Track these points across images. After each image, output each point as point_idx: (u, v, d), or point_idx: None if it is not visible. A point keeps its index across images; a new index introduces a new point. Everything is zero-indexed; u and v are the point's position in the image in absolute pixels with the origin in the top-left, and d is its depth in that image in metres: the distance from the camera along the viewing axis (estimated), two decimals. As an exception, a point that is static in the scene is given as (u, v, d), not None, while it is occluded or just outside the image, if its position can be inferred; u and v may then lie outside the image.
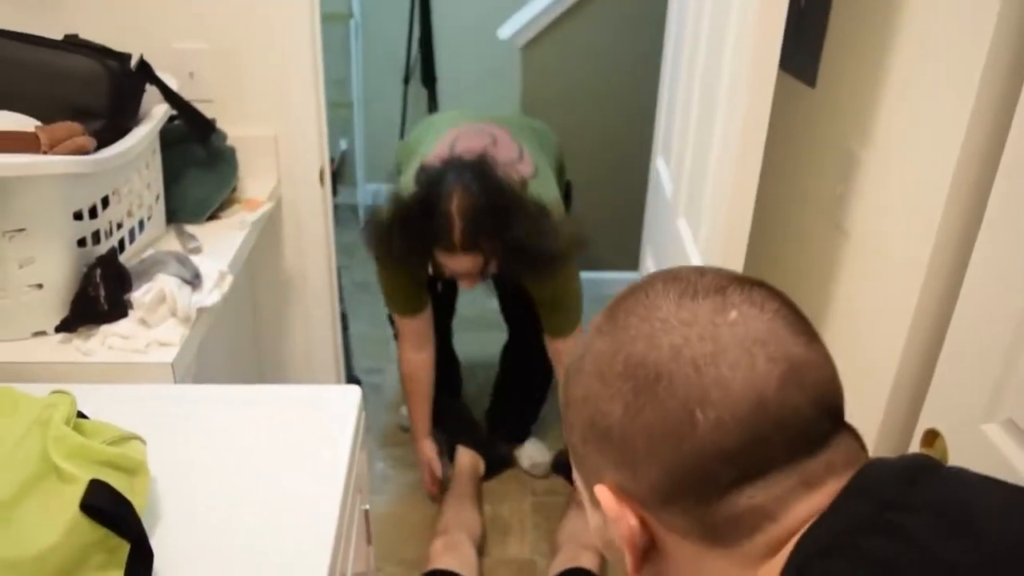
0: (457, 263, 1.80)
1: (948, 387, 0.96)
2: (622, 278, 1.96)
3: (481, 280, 1.91)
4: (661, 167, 1.82)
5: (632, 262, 2.63)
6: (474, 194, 1.73)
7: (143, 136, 1.38)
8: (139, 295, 1.24)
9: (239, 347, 1.91)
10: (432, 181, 1.78)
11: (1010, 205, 0.85)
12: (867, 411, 1.13)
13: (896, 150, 1.09)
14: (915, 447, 1.02)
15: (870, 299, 1.15)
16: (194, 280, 1.32)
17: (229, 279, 1.39)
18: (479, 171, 1.76)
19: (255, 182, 1.83)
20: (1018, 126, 0.84)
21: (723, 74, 1.23)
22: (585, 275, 2.07)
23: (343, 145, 4.24)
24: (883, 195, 1.12)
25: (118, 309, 1.25)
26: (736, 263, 1.14)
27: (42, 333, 1.26)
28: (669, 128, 1.76)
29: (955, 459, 0.94)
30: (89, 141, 1.23)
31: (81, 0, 1.75)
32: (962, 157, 0.95)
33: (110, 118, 1.33)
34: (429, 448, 2.33)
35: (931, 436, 1.00)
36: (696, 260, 1.35)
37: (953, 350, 0.95)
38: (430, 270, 1.94)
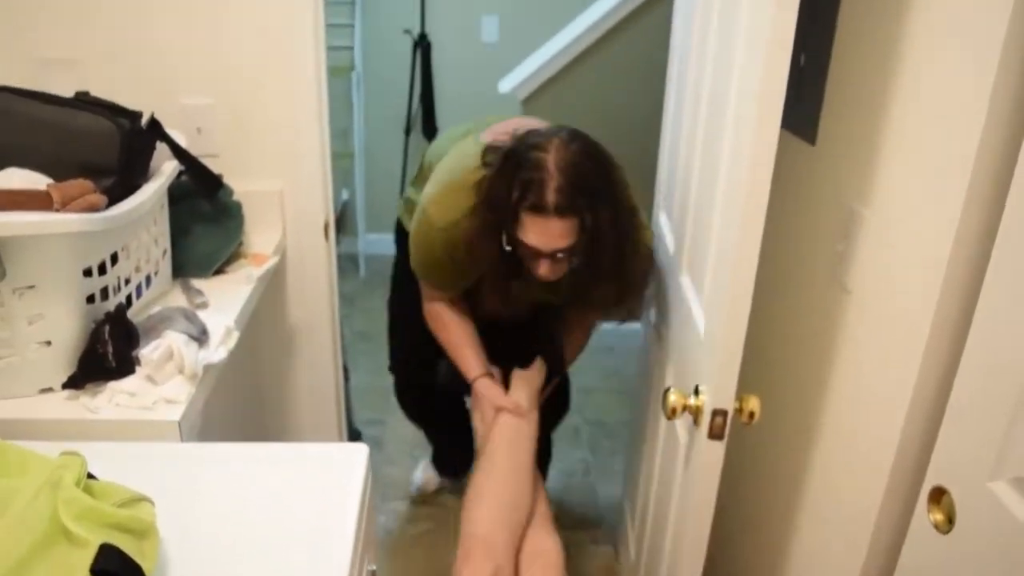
0: (547, 233, 1.49)
1: (954, 444, 0.97)
2: (624, 329, 1.97)
3: (567, 268, 1.60)
4: (663, 222, 1.83)
5: (633, 313, 2.63)
6: (575, 150, 1.48)
7: (152, 193, 1.40)
8: (147, 352, 1.25)
9: (241, 399, 1.91)
10: (520, 138, 1.53)
11: (1013, 263, 0.86)
12: (873, 468, 1.13)
13: (897, 207, 1.11)
14: (922, 504, 1.02)
15: (874, 356, 1.16)
16: (201, 336, 1.33)
17: (235, 335, 1.39)
18: (576, 133, 1.54)
19: (260, 236, 1.85)
20: (1018, 185, 0.86)
21: (725, 134, 1.25)
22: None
23: (344, 195, 4.27)
24: (885, 252, 1.14)
25: (126, 366, 1.25)
26: (740, 321, 1.15)
27: (49, 390, 1.26)
28: (671, 184, 1.78)
29: (963, 517, 0.94)
30: (100, 199, 1.25)
31: (92, 57, 1.78)
32: (964, 214, 0.96)
33: (121, 175, 1.35)
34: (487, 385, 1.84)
35: (938, 493, 1.00)
36: (700, 316, 1.36)
37: (958, 407, 0.96)
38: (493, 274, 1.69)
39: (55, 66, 1.79)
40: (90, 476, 0.93)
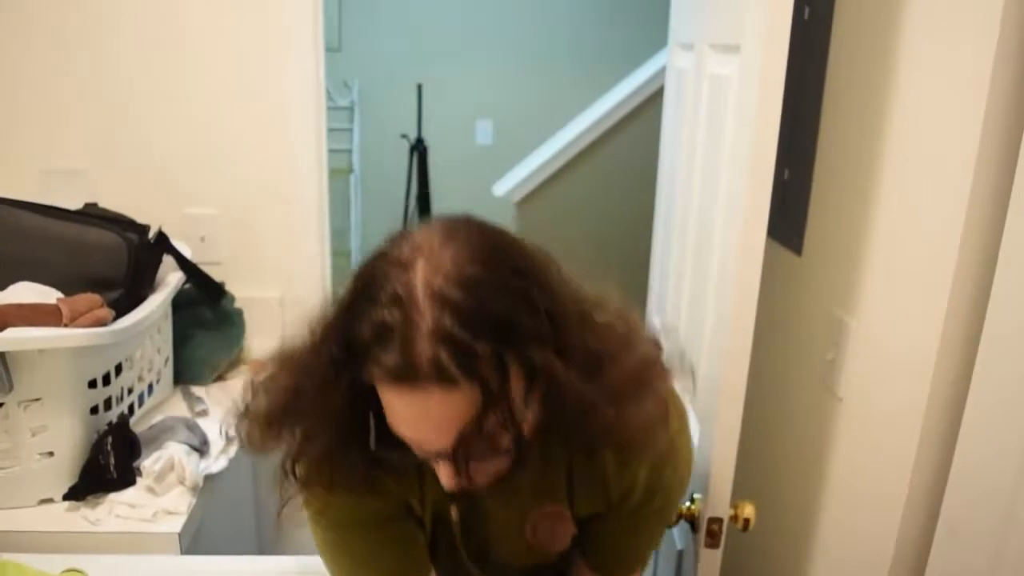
0: (425, 418, 0.80)
1: (946, 560, 0.98)
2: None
3: (512, 465, 0.87)
4: (656, 325, 1.87)
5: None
6: (457, 256, 0.80)
7: (158, 305, 1.43)
8: (149, 463, 1.26)
9: (237, 510, 1.89)
10: (378, 249, 0.85)
11: (997, 376, 0.89)
12: (870, 574, 1.14)
13: (883, 316, 1.15)
14: (920, 613, 1.03)
15: (867, 462, 1.18)
16: (202, 446, 1.34)
17: (236, 444, 1.41)
18: (457, 224, 0.87)
19: (260, 342, 1.87)
20: (999, 296, 0.89)
21: (713, 244, 1.29)
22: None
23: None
24: (873, 361, 1.17)
25: (127, 477, 1.26)
26: (733, 428, 1.18)
27: (49, 500, 1.27)
28: (663, 290, 1.82)
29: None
30: (108, 313, 1.28)
31: (100, 170, 1.84)
32: (947, 324, 1.00)
33: (128, 288, 1.39)
34: None
35: None
36: (693, 421, 1.38)
37: (949, 522, 0.97)
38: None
39: (62, 177, 1.84)
40: (92, 593, 0.94)
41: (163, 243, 1.50)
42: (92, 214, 1.51)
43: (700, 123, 1.47)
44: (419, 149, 4.10)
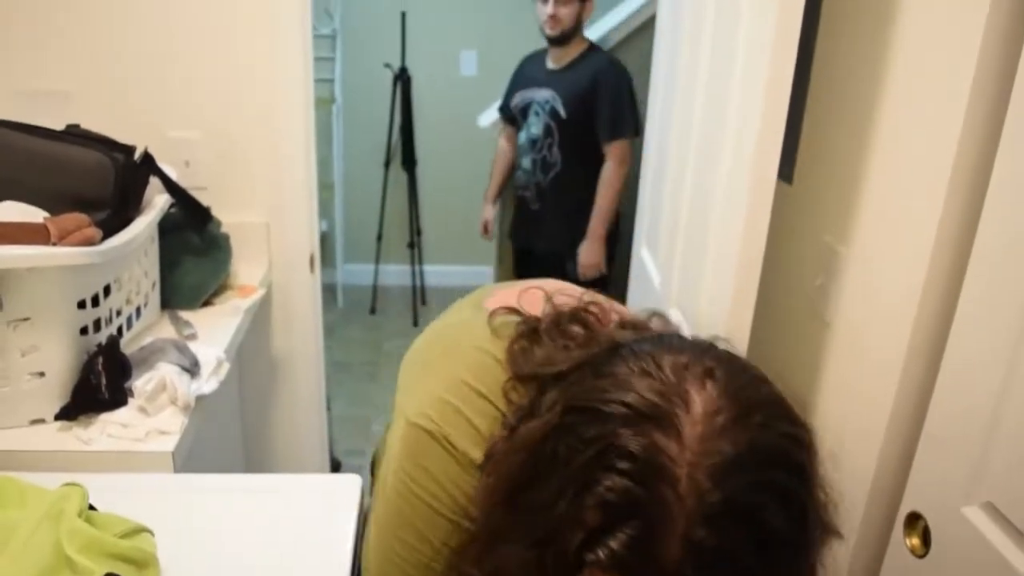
0: None
1: (929, 471, 1.01)
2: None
3: None
4: (646, 257, 1.88)
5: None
6: (734, 446, 0.64)
7: (146, 227, 1.42)
8: (140, 384, 1.26)
9: (225, 430, 1.91)
10: (599, 365, 0.72)
11: (983, 296, 0.91)
12: (851, 493, 1.17)
13: (872, 243, 1.16)
14: (899, 529, 1.06)
15: (853, 386, 1.20)
16: (193, 368, 1.35)
17: (226, 366, 1.41)
18: (731, 370, 0.70)
19: (247, 268, 1.87)
20: (989, 214, 0.91)
21: (719, 175, 1.29)
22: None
23: (323, 226, 4.29)
24: (861, 287, 1.18)
25: (119, 397, 1.26)
26: (741, 347, 1.20)
27: (41, 421, 1.27)
28: (655, 221, 1.82)
29: (938, 541, 0.98)
30: (96, 232, 1.27)
31: (82, 92, 1.81)
32: (935, 248, 1.01)
33: (115, 209, 1.37)
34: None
35: (913, 519, 1.04)
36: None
37: (932, 434, 1.00)
38: None
39: (44, 98, 1.81)
40: (90, 507, 0.95)
41: (149, 164, 1.48)
42: (76, 134, 1.48)
43: (703, 51, 1.45)
44: (402, 79, 4.04)
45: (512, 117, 3.07)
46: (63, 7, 1.76)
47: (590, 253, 2.90)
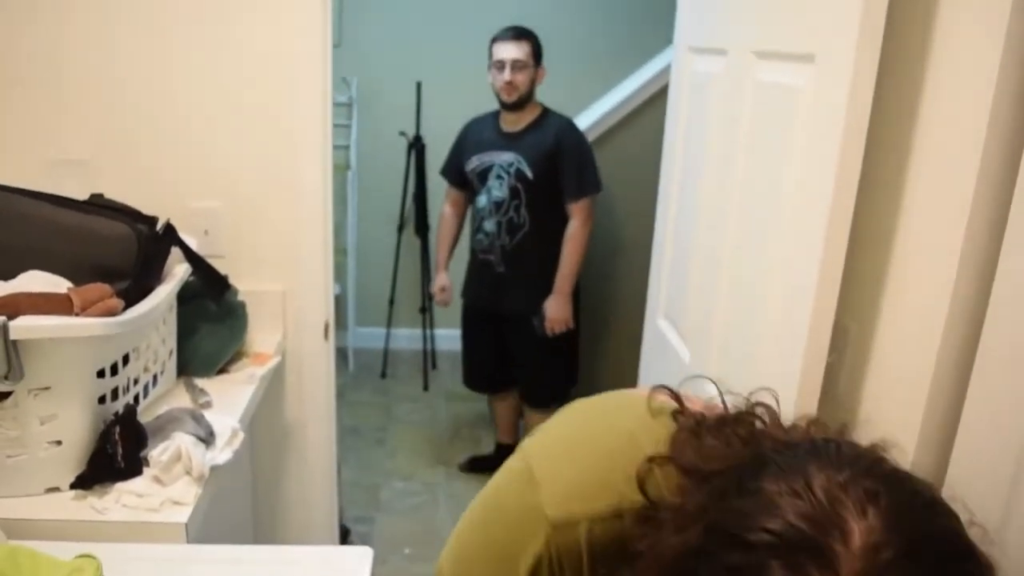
0: None
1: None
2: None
3: None
4: (665, 327, 1.88)
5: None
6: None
7: (165, 296, 1.44)
8: (156, 454, 1.27)
9: (236, 497, 1.91)
10: (753, 470, 0.65)
11: (990, 391, 0.92)
12: None
13: (883, 322, 1.17)
14: None
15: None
16: (208, 438, 1.35)
17: (241, 436, 1.42)
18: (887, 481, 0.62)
19: (262, 335, 1.89)
20: (1000, 290, 0.92)
21: (769, 245, 1.31)
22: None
23: (336, 290, 4.32)
24: (871, 365, 1.19)
25: (134, 467, 1.27)
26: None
27: (55, 489, 1.28)
28: (676, 295, 1.82)
29: None
30: (118, 303, 1.29)
31: (105, 161, 1.85)
32: (945, 334, 1.02)
33: (136, 279, 1.40)
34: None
35: None
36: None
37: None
38: None
39: (67, 167, 1.85)
40: (105, 580, 0.95)
41: (171, 235, 1.51)
42: (101, 204, 1.52)
43: (741, 128, 1.48)
44: (417, 147, 4.11)
45: (463, 182, 3.15)
46: (86, 77, 1.81)
47: (558, 308, 2.98)
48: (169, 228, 1.50)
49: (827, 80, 1.14)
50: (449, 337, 4.26)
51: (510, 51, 2.93)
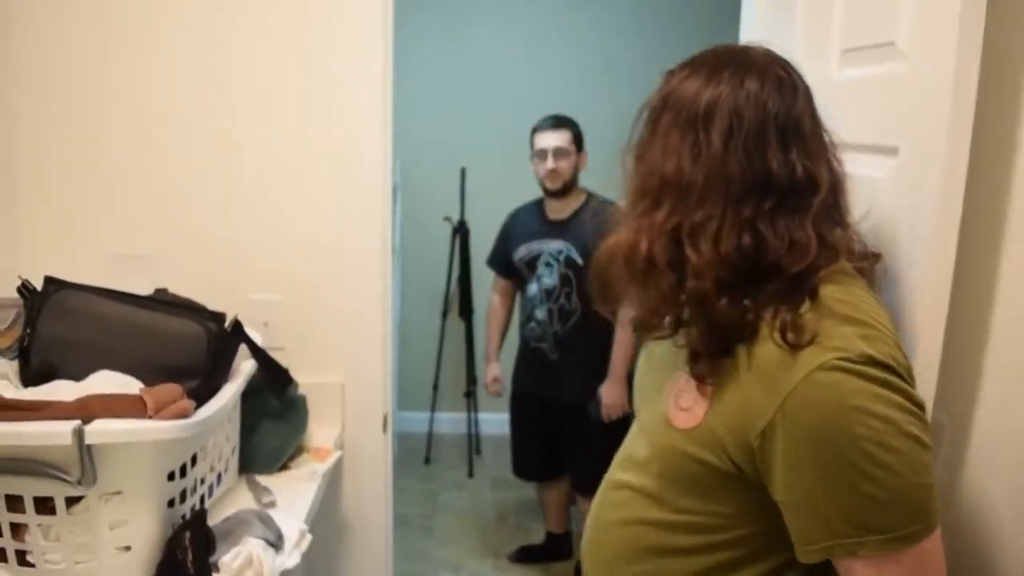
0: None
1: None
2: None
3: None
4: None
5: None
6: None
7: (233, 394, 1.43)
8: (228, 559, 1.23)
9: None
10: None
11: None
12: None
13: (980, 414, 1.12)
14: None
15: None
16: (277, 541, 1.32)
17: (308, 538, 1.38)
18: None
19: (320, 429, 1.86)
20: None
21: None
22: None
23: (380, 374, 4.31)
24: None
25: (205, 573, 1.23)
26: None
27: (123, 596, 1.24)
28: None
29: None
30: (190, 404, 1.27)
31: (164, 254, 1.87)
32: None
33: (206, 377, 1.39)
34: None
35: None
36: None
37: None
38: None
39: (127, 262, 1.86)
40: None
41: (239, 331, 1.50)
42: (169, 301, 1.52)
43: None
44: (461, 231, 4.13)
45: (511, 271, 3.15)
46: (142, 173, 1.84)
47: (614, 393, 2.93)
48: (237, 324, 1.49)
49: (913, 169, 1.12)
50: (493, 421, 4.21)
51: (551, 140, 2.96)
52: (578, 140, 3.01)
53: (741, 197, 0.96)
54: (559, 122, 3.01)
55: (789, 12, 1.64)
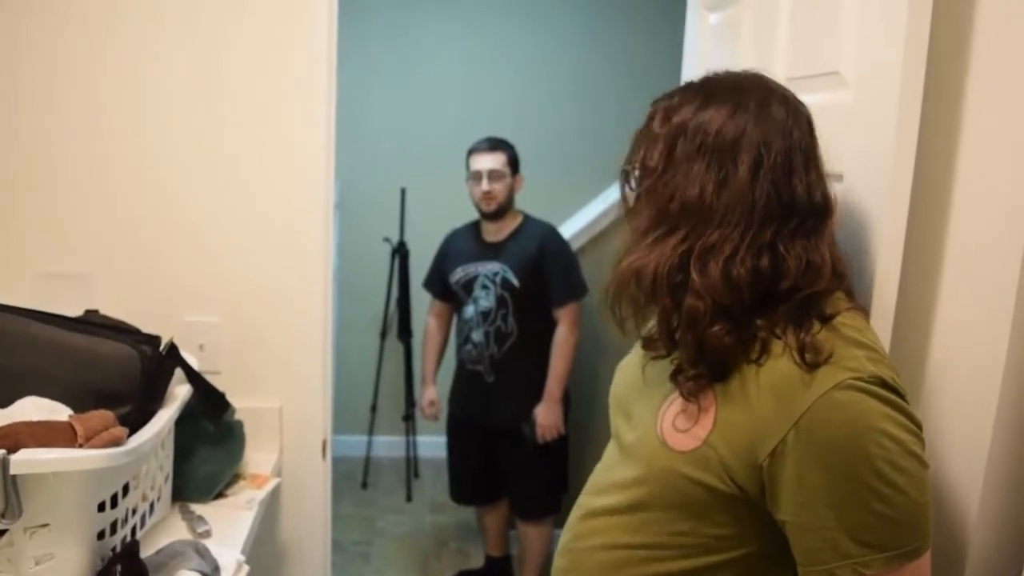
0: None
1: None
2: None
3: None
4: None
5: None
6: None
7: (168, 420, 1.37)
8: (161, 594, 1.18)
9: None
10: None
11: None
12: None
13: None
14: None
15: None
16: (213, 573, 1.27)
17: (246, 569, 1.34)
18: None
19: (258, 454, 1.81)
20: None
21: None
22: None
23: (316, 397, 4.23)
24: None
25: (136, 609, 1.18)
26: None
27: (48, 635, 1.18)
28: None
29: None
30: (122, 431, 1.22)
31: (98, 275, 1.80)
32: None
33: (139, 403, 1.33)
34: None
35: None
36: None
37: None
38: None
39: (59, 280, 1.79)
40: None
41: (174, 355, 1.45)
42: (100, 323, 1.46)
43: None
44: (401, 252, 4.09)
45: (447, 294, 3.14)
46: (78, 189, 1.78)
47: (549, 415, 2.93)
48: (173, 348, 1.44)
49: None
50: (432, 444, 4.16)
51: (486, 162, 2.96)
52: (513, 163, 3.02)
53: (764, 220, 0.97)
54: (494, 144, 3.01)
55: (732, 44, 1.67)
